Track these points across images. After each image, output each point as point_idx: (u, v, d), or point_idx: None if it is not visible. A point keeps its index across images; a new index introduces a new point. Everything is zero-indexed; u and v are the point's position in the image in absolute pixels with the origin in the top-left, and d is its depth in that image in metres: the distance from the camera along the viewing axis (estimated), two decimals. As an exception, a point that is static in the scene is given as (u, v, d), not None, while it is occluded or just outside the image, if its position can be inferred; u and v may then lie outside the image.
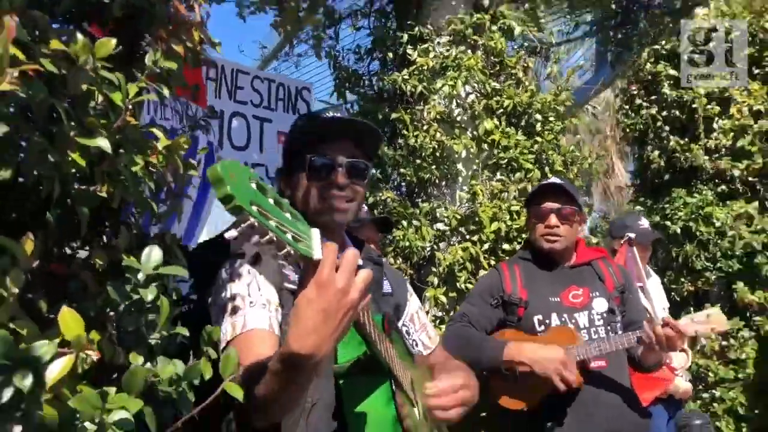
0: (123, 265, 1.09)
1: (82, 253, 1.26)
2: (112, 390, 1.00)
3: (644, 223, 4.25)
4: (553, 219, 2.86)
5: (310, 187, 1.64)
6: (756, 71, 5.70)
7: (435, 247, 3.73)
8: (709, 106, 5.60)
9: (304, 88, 4.20)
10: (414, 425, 1.54)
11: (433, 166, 3.74)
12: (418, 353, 1.87)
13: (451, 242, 3.74)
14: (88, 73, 1.01)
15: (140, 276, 1.10)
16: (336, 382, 1.50)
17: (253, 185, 1.04)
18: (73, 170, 1.03)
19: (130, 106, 1.09)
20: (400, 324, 1.85)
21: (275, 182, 2.53)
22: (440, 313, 3.69)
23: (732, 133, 5.60)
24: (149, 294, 1.06)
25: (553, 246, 2.89)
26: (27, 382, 0.84)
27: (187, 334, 1.18)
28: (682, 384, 4.00)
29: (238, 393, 0.95)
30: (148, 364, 1.03)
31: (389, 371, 1.50)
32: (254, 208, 1.01)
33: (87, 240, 1.19)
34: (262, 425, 1.36)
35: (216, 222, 2.96)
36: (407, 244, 3.60)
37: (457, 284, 3.57)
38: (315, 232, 1.15)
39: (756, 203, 5.58)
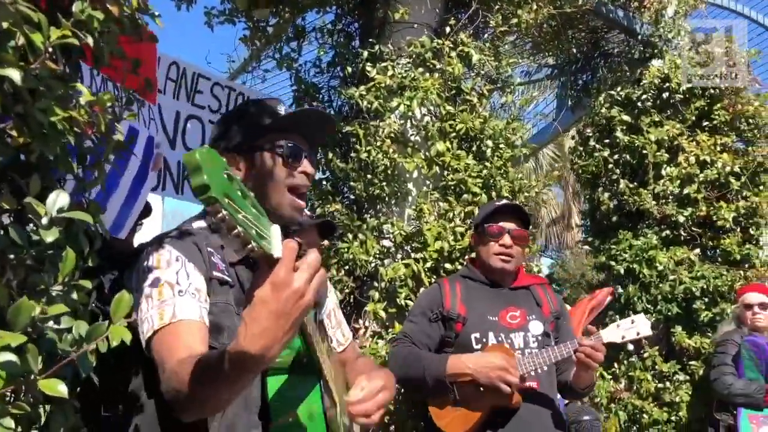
0: (27, 208, 1.06)
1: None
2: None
3: None
4: (507, 239, 2.90)
5: (281, 171, 1.62)
6: (705, 123, 5.90)
7: (379, 263, 3.73)
8: (658, 153, 5.76)
9: (263, 99, 4.23)
10: (337, 427, 1.54)
11: (384, 183, 3.76)
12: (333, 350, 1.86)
13: (396, 259, 3.75)
14: (8, 7, 1.00)
15: (44, 221, 1.08)
16: (262, 377, 1.48)
17: (225, 176, 1.03)
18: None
19: (51, 49, 1.08)
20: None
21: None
22: (379, 329, 3.68)
23: (679, 181, 5.76)
24: (49, 236, 1.04)
25: (506, 266, 2.93)
26: None
27: (90, 286, 1.15)
28: None
29: (126, 336, 0.92)
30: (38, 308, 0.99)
31: (319, 370, 1.52)
32: (226, 200, 1.01)
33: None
34: (191, 419, 1.34)
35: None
36: (351, 257, 3.59)
37: (398, 300, 3.57)
38: (275, 230, 1.15)
39: (698, 250, 5.73)
